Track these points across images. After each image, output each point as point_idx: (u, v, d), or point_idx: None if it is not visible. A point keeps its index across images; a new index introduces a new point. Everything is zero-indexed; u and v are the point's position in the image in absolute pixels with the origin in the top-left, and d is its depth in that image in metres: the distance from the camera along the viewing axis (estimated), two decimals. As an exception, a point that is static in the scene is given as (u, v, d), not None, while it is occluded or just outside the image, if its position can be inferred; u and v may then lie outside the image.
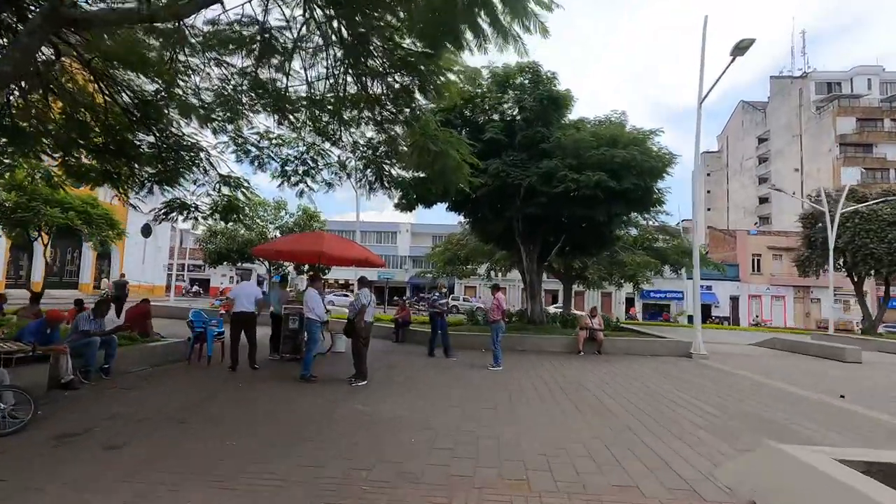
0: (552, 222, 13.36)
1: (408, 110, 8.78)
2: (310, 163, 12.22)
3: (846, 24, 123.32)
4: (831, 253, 19.12)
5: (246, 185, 12.18)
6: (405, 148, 11.02)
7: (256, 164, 11.84)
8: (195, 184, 12.21)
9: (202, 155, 10.65)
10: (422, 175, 12.31)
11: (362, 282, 7.37)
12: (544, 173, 11.12)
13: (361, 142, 11.37)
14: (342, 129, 10.77)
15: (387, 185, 12.29)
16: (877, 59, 64.39)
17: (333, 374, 7.58)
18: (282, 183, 12.36)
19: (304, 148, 11.94)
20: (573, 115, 13.12)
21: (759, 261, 46.47)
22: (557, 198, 11.29)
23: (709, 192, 67.19)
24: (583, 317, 11.96)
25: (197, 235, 28.52)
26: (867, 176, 48.40)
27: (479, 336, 11.88)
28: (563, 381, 7.98)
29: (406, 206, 14.75)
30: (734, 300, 45.71)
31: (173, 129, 9.79)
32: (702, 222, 59.13)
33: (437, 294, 10.83)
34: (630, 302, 46.47)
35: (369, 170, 12.29)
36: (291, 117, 10.56)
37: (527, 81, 12.13)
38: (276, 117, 10.32)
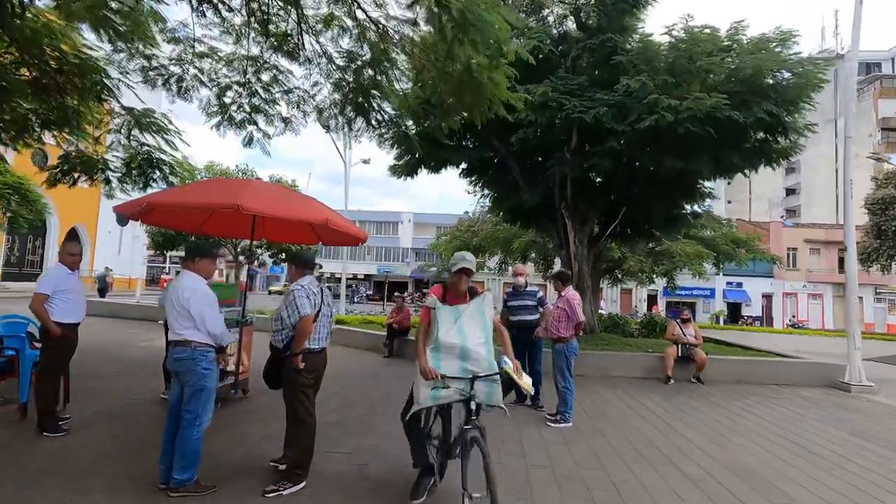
0: (613, 187, 9.29)
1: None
2: (260, 92, 8.21)
3: (883, 2, 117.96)
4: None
5: (171, 127, 8.28)
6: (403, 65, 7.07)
7: (176, 88, 7.85)
8: (98, 128, 8.39)
9: (94, 77, 6.73)
10: (427, 122, 8.23)
11: (297, 261, 3.20)
12: (619, 101, 6.99)
13: (336, 55, 7.35)
14: (303, 29, 6.80)
15: (374, 124, 8.24)
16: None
17: (245, 458, 3.56)
18: (220, 122, 8.36)
19: (253, 68, 7.92)
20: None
21: (794, 255, 42.35)
22: (636, 141, 7.21)
23: (729, 182, 62.68)
24: (671, 324, 7.89)
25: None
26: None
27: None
28: (714, 467, 3.94)
29: (405, 168, 10.68)
30: (767, 298, 41.60)
31: (37, 28, 5.88)
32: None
33: (536, 288, 5.97)
34: (652, 300, 42.43)
35: (349, 106, 8.22)
36: (221, 6, 6.64)
37: (587, -33, 7.96)
38: (195, 2, 6.39)
